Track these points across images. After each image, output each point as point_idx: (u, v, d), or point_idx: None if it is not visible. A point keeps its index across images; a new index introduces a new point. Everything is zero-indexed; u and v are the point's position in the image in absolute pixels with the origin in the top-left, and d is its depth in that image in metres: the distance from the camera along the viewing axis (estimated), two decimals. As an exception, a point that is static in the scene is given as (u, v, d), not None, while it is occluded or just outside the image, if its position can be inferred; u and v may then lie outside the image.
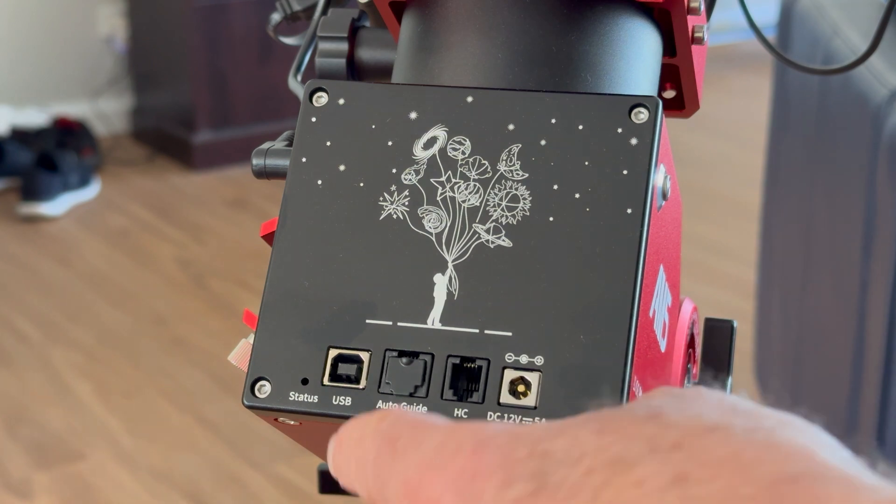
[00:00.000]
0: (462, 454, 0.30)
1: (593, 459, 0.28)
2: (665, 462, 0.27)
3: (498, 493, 0.29)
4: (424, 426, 0.32)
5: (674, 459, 0.27)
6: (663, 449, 0.28)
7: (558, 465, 0.29)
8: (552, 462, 0.29)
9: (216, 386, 2.16)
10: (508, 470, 0.29)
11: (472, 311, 0.38)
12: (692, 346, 0.51)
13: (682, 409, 0.29)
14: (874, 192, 1.35)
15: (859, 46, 1.42)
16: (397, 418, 0.33)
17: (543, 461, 0.29)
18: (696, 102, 0.54)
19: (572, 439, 0.29)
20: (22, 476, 1.90)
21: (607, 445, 0.28)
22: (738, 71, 4.18)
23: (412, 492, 0.31)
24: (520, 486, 0.29)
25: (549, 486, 0.28)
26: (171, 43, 3.33)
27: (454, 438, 0.31)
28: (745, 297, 2.31)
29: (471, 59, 0.44)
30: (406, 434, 0.32)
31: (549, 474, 0.28)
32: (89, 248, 2.81)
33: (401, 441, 0.32)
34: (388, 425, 0.33)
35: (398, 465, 0.32)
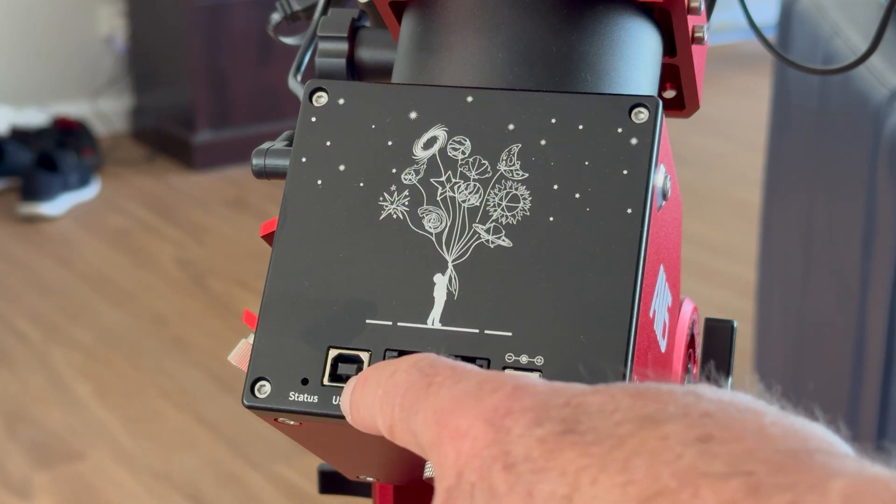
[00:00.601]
0: (501, 392, 0.31)
1: (624, 415, 0.29)
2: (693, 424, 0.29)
3: (526, 429, 0.30)
4: (464, 368, 0.34)
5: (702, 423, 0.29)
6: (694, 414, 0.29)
7: (590, 416, 0.30)
8: (585, 413, 0.30)
9: (216, 386, 2.16)
10: (541, 412, 0.30)
11: (472, 311, 0.38)
12: (692, 346, 0.51)
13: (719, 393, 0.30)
14: (874, 192, 1.35)
15: (859, 46, 1.42)
16: (435, 359, 0.34)
17: (577, 411, 0.30)
18: (696, 102, 0.54)
19: (609, 397, 0.30)
20: (22, 476, 1.90)
21: (641, 406, 0.30)
22: (738, 71, 4.18)
23: (442, 420, 0.32)
24: (549, 427, 0.30)
25: (576, 431, 0.29)
26: (171, 43, 3.33)
27: (495, 379, 0.32)
28: (745, 297, 2.31)
29: (471, 58, 0.44)
30: (444, 372, 0.33)
31: (580, 422, 0.30)
32: (89, 248, 2.81)
33: (438, 377, 0.33)
34: (426, 364, 0.34)
35: (431, 399, 0.33)
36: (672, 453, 0.28)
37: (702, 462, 0.27)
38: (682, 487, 0.27)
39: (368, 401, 0.35)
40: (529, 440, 0.30)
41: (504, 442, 0.30)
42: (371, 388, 0.35)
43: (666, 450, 0.28)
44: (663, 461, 0.28)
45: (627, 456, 0.28)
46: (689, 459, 0.27)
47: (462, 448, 0.31)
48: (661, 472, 0.27)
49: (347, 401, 0.37)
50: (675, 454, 0.28)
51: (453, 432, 0.31)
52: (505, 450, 0.30)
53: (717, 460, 0.27)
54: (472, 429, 0.31)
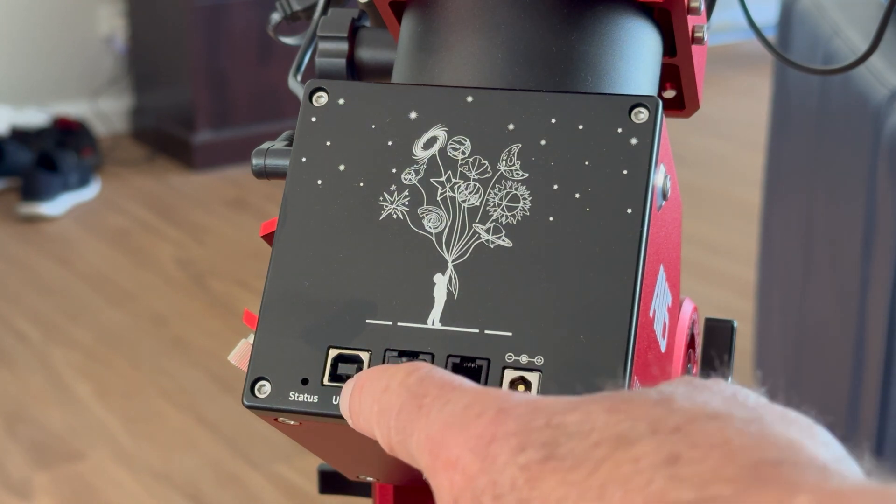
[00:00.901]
0: (484, 418, 0.32)
1: (601, 435, 0.30)
2: (662, 443, 0.29)
3: (511, 457, 0.30)
4: (451, 387, 0.34)
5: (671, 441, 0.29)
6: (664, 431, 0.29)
7: (569, 437, 0.30)
8: (564, 434, 0.30)
9: (216, 386, 2.16)
10: (523, 437, 0.31)
11: (472, 311, 0.38)
12: (692, 346, 0.51)
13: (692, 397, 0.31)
14: (874, 192, 1.35)
15: (859, 46, 1.42)
16: (425, 376, 0.34)
17: (556, 432, 0.30)
18: (696, 102, 0.54)
19: (585, 414, 0.31)
20: (22, 476, 1.90)
21: (615, 423, 0.30)
22: (738, 71, 4.18)
23: (434, 449, 0.32)
24: (531, 453, 0.30)
25: (557, 456, 0.30)
26: (171, 43, 3.33)
27: (479, 402, 0.32)
28: (745, 297, 2.31)
29: (471, 58, 0.44)
30: (433, 392, 0.34)
31: (560, 445, 0.30)
32: (89, 248, 2.81)
33: (427, 398, 0.34)
34: (415, 381, 0.34)
35: (422, 421, 0.33)
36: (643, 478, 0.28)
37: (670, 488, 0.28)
38: None
39: (366, 413, 0.36)
40: (513, 469, 0.30)
41: (491, 471, 0.31)
42: (367, 401, 0.36)
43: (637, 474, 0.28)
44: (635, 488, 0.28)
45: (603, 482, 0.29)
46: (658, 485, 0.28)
47: (454, 479, 0.31)
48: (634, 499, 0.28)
49: (346, 407, 0.37)
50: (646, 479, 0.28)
51: (445, 463, 0.32)
52: (493, 479, 0.30)
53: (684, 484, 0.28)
54: (461, 459, 0.31)
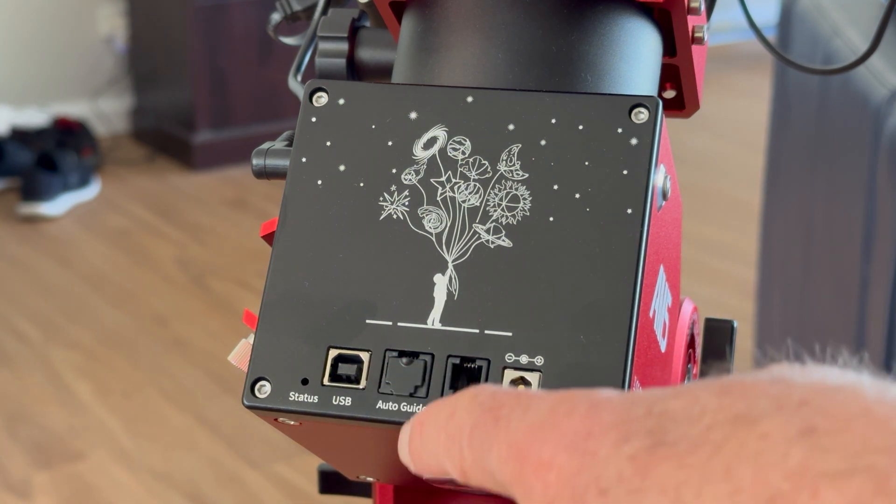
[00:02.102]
0: (576, 415, 0.29)
1: (714, 417, 0.27)
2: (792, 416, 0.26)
3: (614, 449, 0.28)
4: (528, 395, 0.31)
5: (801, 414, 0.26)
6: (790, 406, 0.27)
7: (677, 423, 0.28)
8: (670, 420, 0.28)
9: (216, 386, 2.16)
10: (624, 428, 0.28)
11: (472, 311, 0.38)
12: (692, 346, 0.51)
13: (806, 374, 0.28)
14: (874, 192, 1.35)
15: (859, 46, 1.42)
16: (495, 391, 0.32)
17: (661, 420, 0.28)
18: (696, 102, 0.54)
19: (692, 399, 0.28)
20: (22, 476, 1.90)
21: (729, 405, 0.28)
22: (738, 71, 4.18)
23: (520, 454, 0.30)
24: (636, 442, 0.28)
25: (667, 443, 0.27)
26: (171, 43, 3.33)
27: (566, 401, 0.30)
28: (745, 297, 2.31)
29: (471, 59, 0.44)
30: (509, 403, 0.31)
31: (668, 431, 0.28)
32: (89, 248, 2.81)
33: (504, 409, 0.31)
34: (487, 397, 0.32)
35: (501, 434, 0.30)
36: (777, 453, 0.26)
37: (814, 459, 0.25)
38: (798, 489, 0.25)
39: (430, 447, 0.33)
40: (619, 460, 0.28)
41: (592, 467, 0.28)
42: (431, 434, 0.33)
43: (770, 450, 0.26)
44: (770, 463, 0.26)
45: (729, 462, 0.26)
46: (798, 457, 0.25)
47: (549, 480, 0.29)
48: (770, 475, 0.25)
49: (406, 451, 0.34)
50: (781, 454, 0.26)
51: (535, 465, 0.29)
52: (595, 475, 0.28)
53: (830, 455, 0.25)
54: (556, 458, 0.29)
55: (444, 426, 0.32)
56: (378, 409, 0.38)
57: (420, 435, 0.34)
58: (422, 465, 0.34)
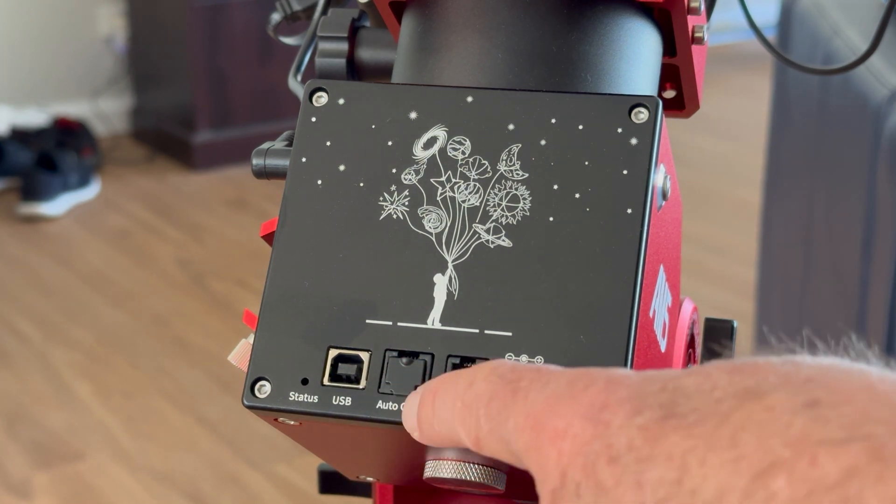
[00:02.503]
0: (595, 388, 0.31)
1: (724, 392, 0.29)
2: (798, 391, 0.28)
3: (626, 420, 0.29)
4: (548, 370, 0.33)
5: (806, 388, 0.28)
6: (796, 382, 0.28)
7: (688, 397, 0.29)
8: (683, 395, 0.29)
9: (216, 386, 2.16)
10: (638, 401, 0.30)
11: (472, 311, 0.38)
12: (692, 346, 0.51)
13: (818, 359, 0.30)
14: (874, 192, 1.35)
15: (859, 46, 1.42)
16: (514, 364, 0.34)
17: (674, 395, 0.29)
18: (696, 102, 0.54)
19: (704, 377, 0.30)
20: (22, 476, 1.90)
21: (739, 381, 0.29)
22: (738, 71, 4.18)
23: (537, 424, 0.31)
24: (648, 414, 0.29)
25: (677, 414, 0.29)
26: (171, 43, 3.33)
27: (585, 376, 0.31)
28: (745, 297, 2.31)
29: (471, 58, 0.44)
30: (528, 376, 0.33)
31: (679, 405, 0.29)
32: (89, 248, 2.81)
33: (523, 382, 0.32)
34: (507, 370, 0.33)
35: (520, 404, 0.32)
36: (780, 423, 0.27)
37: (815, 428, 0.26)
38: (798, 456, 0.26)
39: (445, 415, 0.34)
40: (630, 430, 0.29)
41: (605, 436, 0.29)
42: (447, 402, 0.34)
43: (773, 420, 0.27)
44: (773, 432, 0.27)
45: (734, 431, 0.27)
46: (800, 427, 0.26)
47: (563, 448, 0.30)
48: (772, 443, 0.27)
49: (413, 417, 0.36)
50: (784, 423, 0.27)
51: (551, 433, 0.30)
52: (607, 443, 0.29)
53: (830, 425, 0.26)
54: (571, 427, 0.30)
55: (462, 395, 0.33)
56: (378, 409, 0.38)
57: (433, 403, 0.35)
58: (430, 433, 0.35)
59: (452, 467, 0.38)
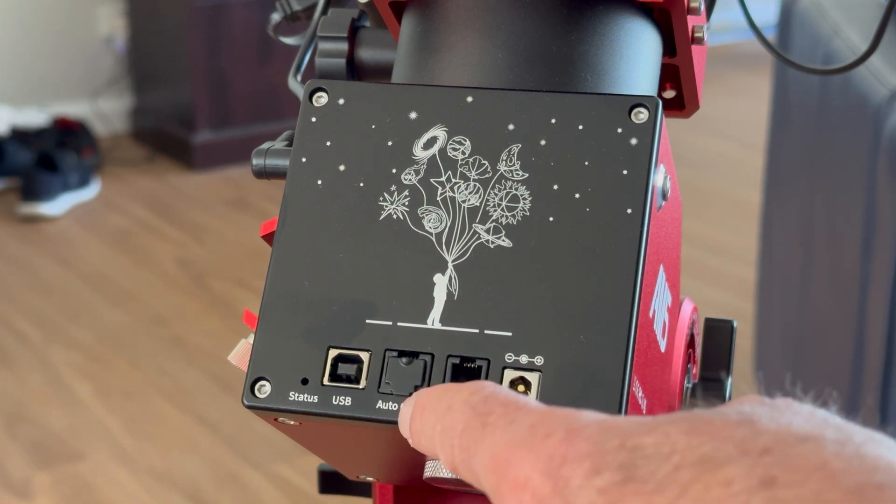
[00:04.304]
0: (553, 438, 0.31)
1: (682, 457, 0.29)
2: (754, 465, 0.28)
3: (586, 479, 0.29)
4: (516, 406, 0.33)
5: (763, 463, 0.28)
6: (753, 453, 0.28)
7: (647, 459, 0.29)
8: (641, 456, 0.29)
9: (216, 386, 2.16)
10: (598, 459, 0.30)
11: (472, 311, 0.38)
12: (692, 346, 0.51)
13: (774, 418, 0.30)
14: (874, 192, 1.35)
15: (859, 46, 1.42)
16: (489, 395, 0.34)
17: (633, 454, 0.29)
18: (696, 102, 0.54)
19: (663, 436, 0.30)
20: (22, 476, 1.90)
21: (697, 445, 0.29)
22: (738, 71, 4.18)
23: (500, 468, 0.31)
24: (607, 476, 0.29)
25: (636, 479, 0.29)
26: (171, 43, 3.33)
27: (546, 422, 0.32)
28: (745, 297, 2.31)
29: (471, 58, 0.44)
30: (497, 411, 0.33)
31: (638, 467, 0.29)
32: (89, 248, 2.81)
33: (492, 417, 0.33)
34: (479, 399, 0.33)
35: (487, 441, 0.32)
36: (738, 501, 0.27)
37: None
38: None
39: (428, 432, 0.35)
40: (590, 491, 0.29)
41: (564, 494, 0.29)
42: (429, 421, 0.35)
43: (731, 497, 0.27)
44: None
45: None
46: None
47: (523, 500, 0.30)
48: None
49: (407, 426, 0.36)
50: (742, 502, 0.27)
51: (512, 483, 0.31)
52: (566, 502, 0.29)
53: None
54: (531, 481, 0.30)
55: (441, 418, 0.34)
56: (378, 409, 0.38)
57: (420, 418, 0.35)
58: (420, 446, 0.36)
59: (452, 467, 0.38)
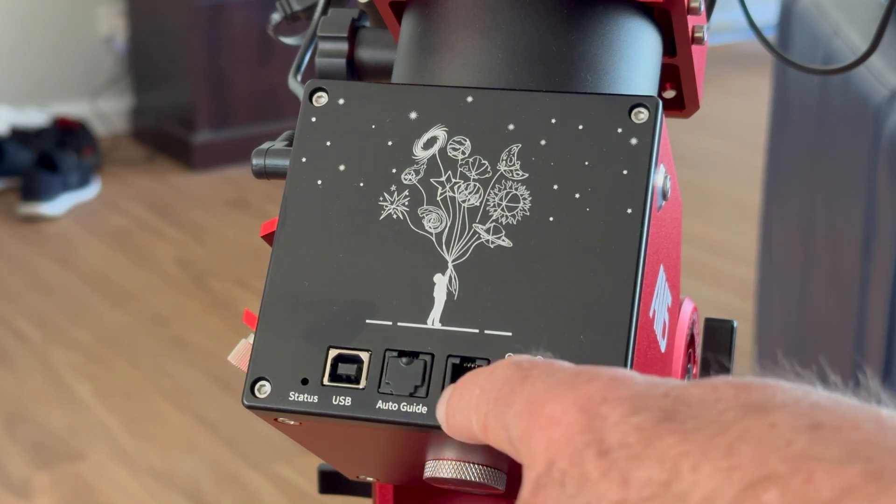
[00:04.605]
0: (597, 382, 0.31)
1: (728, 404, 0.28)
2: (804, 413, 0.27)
3: (623, 417, 0.29)
4: (560, 363, 0.33)
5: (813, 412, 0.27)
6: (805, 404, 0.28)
7: (690, 406, 0.29)
8: (684, 404, 0.29)
9: (216, 386, 2.16)
10: (639, 402, 0.29)
11: (472, 311, 0.38)
12: (692, 346, 0.51)
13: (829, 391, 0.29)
14: (874, 192, 1.35)
15: (859, 46, 1.42)
16: (534, 357, 0.34)
17: (676, 402, 0.29)
18: (696, 102, 0.54)
19: (711, 388, 0.29)
20: (22, 476, 1.90)
21: (746, 396, 0.28)
22: (738, 71, 4.18)
23: (534, 409, 0.31)
24: (646, 415, 0.29)
25: (676, 419, 0.28)
26: (171, 43, 3.32)
27: (591, 370, 0.31)
28: (745, 297, 2.31)
29: (471, 58, 0.44)
30: (541, 366, 0.33)
31: (679, 412, 0.29)
32: (89, 248, 2.81)
33: (534, 371, 0.32)
34: (525, 360, 0.34)
35: (526, 390, 0.32)
36: (781, 439, 0.26)
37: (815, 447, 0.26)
38: (794, 472, 0.26)
39: (465, 402, 0.34)
40: (626, 427, 0.29)
41: (599, 429, 0.29)
42: (468, 389, 0.34)
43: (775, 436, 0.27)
44: (772, 447, 0.26)
45: (731, 442, 0.27)
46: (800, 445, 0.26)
47: (554, 435, 0.30)
48: (769, 457, 0.26)
49: (444, 408, 0.36)
50: (785, 440, 0.26)
51: (545, 420, 0.30)
52: (599, 437, 0.29)
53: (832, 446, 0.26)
54: (566, 416, 0.30)
55: (481, 381, 0.34)
56: (378, 408, 0.38)
57: (460, 391, 0.35)
58: (453, 422, 0.35)
59: (452, 467, 0.38)
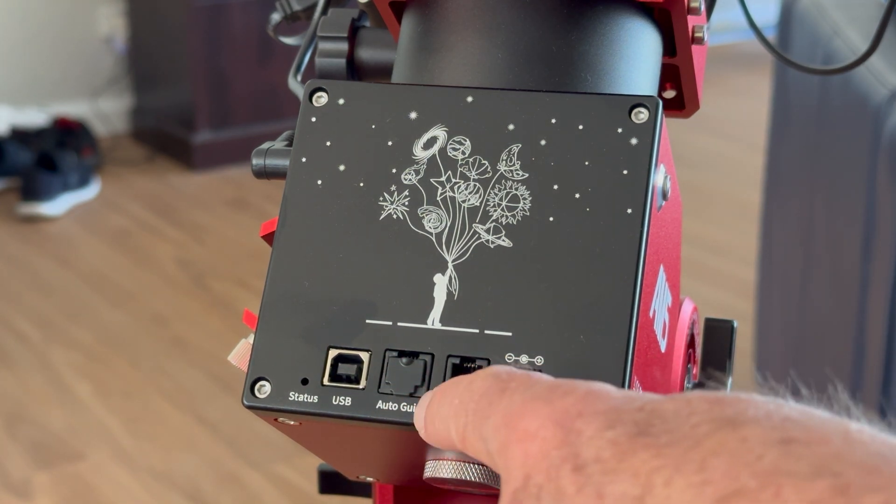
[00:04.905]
0: (573, 396, 0.31)
1: (702, 418, 0.29)
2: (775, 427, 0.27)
3: (598, 432, 0.29)
4: (539, 376, 0.33)
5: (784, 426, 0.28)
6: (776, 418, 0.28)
7: (665, 420, 0.29)
8: (659, 417, 0.29)
9: (216, 386, 2.16)
10: (614, 416, 0.30)
11: (472, 311, 0.38)
12: (692, 346, 0.51)
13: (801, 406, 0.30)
14: (874, 192, 1.35)
15: (859, 46, 1.42)
16: (512, 369, 0.34)
17: (651, 415, 0.29)
18: (696, 102, 0.54)
19: (685, 403, 0.29)
20: (22, 476, 1.90)
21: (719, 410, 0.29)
22: (738, 71, 4.18)
23: (511, 423, 0.31)
24: (621, 429, 0.29)
25: (650, 434, 0.29)
26: (171, 43, 3.32)
27: (567, 384, 0.32)
28: (745, 297, 2.31)
29: (471, 59, 0.44)
30: (518, 379, 0.33)
31: (653, 426, 0.29)
32: (89, 248, 2.81)
33: (512, 383, 0.33)
34: (503, 371, 0.34)
35: (504, 402, 0.32)
36: (752, 454, 0.27)
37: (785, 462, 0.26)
38: (763, 487, 0.26)
39: (444, 411, 0.35)
40: (601, 441, 0.29)
41: (574, 444, 0.29)
42: (448, 398, 0.35)
43: (746, 451, 0.27)
44: (743, 462, 0.27)
45: (704, 456, 0.27)
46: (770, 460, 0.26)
47: (530, 450, 0.30)
48: (741, 471, 0.26)
49: (422, 414, 0.36)
50: (756, 455, 0.27)
51: (522, 434, 0.31)
52: (574, 451, 0.29)
53: (801, 461, 0.26)
54: (542, 430, 0.30)
55: (460, 392, 0.34)
56: (378, 409, 0.38)
57: (439, 400, 0.35)
58: (432, 430, 0.35)
59: (452, 467, 0.38)
